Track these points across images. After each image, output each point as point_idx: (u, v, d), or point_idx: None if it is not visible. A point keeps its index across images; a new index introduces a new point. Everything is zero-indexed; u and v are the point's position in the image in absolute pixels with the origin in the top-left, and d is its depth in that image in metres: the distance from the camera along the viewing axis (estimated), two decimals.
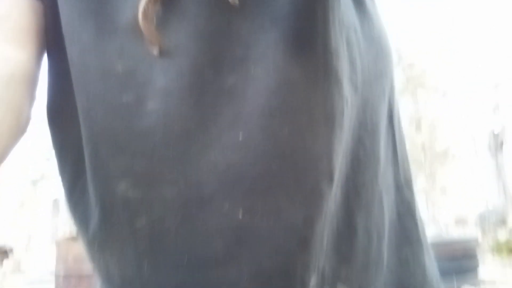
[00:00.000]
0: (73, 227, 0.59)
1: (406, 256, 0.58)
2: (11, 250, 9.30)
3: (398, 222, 0.59)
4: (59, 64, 0.56)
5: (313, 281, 0.49)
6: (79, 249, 0.59)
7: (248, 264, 0.48)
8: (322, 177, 0.49)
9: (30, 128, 0.56)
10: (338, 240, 0.52)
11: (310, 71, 0.49)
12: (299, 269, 0.48)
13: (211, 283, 0.48)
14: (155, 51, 0.50)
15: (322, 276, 0.50)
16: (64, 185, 0.58)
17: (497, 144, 12.17)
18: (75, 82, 0.53)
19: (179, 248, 0.49)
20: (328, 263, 0.51)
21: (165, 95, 0.49)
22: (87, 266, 0.58)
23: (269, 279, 0.48)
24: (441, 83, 13.88)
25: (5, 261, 8.87)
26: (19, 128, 0.54)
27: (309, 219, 0.48)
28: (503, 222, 9.68)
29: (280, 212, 0.48)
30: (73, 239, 4.53)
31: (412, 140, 12.76)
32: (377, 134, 0.57)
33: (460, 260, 5.69)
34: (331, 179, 0.50)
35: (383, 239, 0.56)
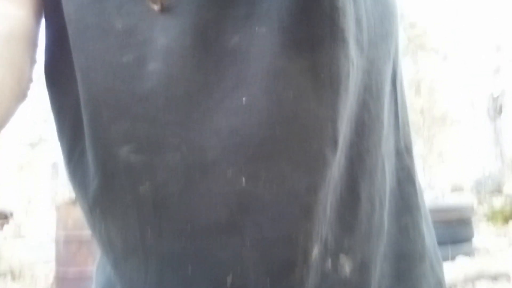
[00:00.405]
0: (72, 191, 0.58)
1: (406, 223, 0.57)
2: (11, 214, 9.40)
3: (398, 188, 0.58)
4: (55, 22, 0.54)
5: (315, 250, 0.49)
6: (79, 213, 0.59)
7: (250, 232, 0.47)
8: (326, 142, 0.48)
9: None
10: (341, 208, 0.51)
11: (316, 30, 0.47)
12: (301, 238, 0.48)
13: (214, 250, 0.48)
14: (156, 7, 0.48)
15: (325, 246, 0.50)
16: (62, 149, 0.56)
17: (496, 108, 12.14)
18: (72, 41, 0.51)
19: (182, 214, 0.48)
20: (331, 233, 0.50)
21: (166, 55, 0.47)
22: (87, 231, 0.57)
23: (271, 247, 0.47)
24: (442, 45, 13.74)
25: (5, 226, 8.99)
26: (21, 90, 0.52)
27: (312, 186, 0.48)
28: (499, 188, 9.76)
29: (284, 179, 0.47)
30: (72, 203, 4.57)
31: (411, 104, 12.74)
32: (381, 98, 0.55)
33: (455, 226, 5.77)
34: (335, 144, 0.49)
35: (385, 206, 0.55)
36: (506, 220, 8.70)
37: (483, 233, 7.87)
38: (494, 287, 4.72)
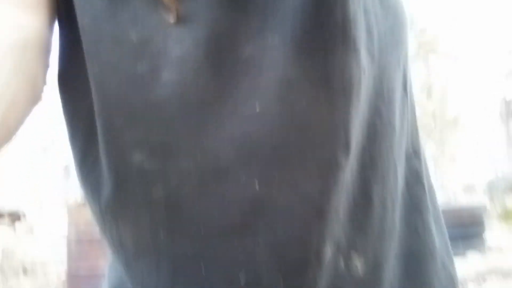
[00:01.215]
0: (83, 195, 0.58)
1: (415, 224, 0.58)
2: (23, 215, 9.45)
3: (407, 191, 0.59)
4: (69, 31, 0.55)
5: (328, 251, 0.49)
6: (90, 214, 0.59)
7: (264, 235, 0.48)
8: (339, 148, 0.49)
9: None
10: (354, 210, 0.52)
11: (329, 40, 0.48)
12: (314, 240, 0.48)
13: (227, 251, 0.49)
14: (171, 18, 0.48)
15: (338, 247, 0.50)
16: (74, 154, 0.57)
17: (509, 111, 12.04)
18: (86, 51, 0.52)
19: (195, 218, 0.49)
20: (344, 234, 0.51)
21: (180, 65, 0.48)
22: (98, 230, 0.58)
23: (284, 249, 0.48)
24: (453, 49, 13.68)
25: (18, 226, 9.04)
26: (34, 96, 0.53)
27: (325, 191, 0.48)
28: (511, 189, 9.67)
29: (297, 184, 0.48)
30: (84, 204, 4.59)
31: (423, 107, 12.66)
32: (392, 103, 0.56)
33: (467, 227, 5.73)
34: (348, 150, 0.49)
35: (396, 208, 0.56)
36: None
37: (496, 233, 7.79)
38: (504, 284, 4.68)
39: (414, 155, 0.61)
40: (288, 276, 0.48)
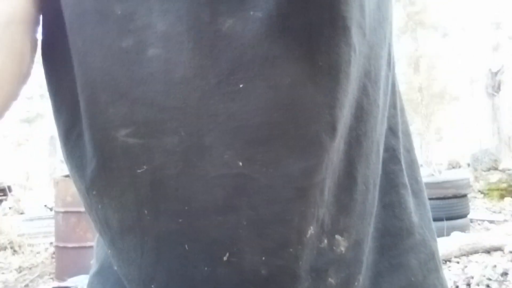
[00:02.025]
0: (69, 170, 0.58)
1: (390, 201, 0.59)
2: (9, 189, 9.41)
3: (383, 169, 0.59)
4: (51, 4, 0.53)
5: (310, 230, 0.50)
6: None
7: (246, 212, 0.48)
8: (323, 128, 0.48)
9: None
10: (338, 191, 0.52)
11: (314, 18, 0.47)
12: (296, 219, 0.48)
13: (210, 229, 0.49)
14: None
15: (321, 226, 0.51)
16: (59, 130, 0.56)
17: (495, 85, 12.10)
18: (69, 24, 0.51)
19: (179, 195, 0.49)
20: (328, 214, 0.51)
21: (165, 40, 0.47)
22: None
23: (266, 227, 0.48)
24: (441, 22, 13.64)
25: (4, 201, 9.01)
26: (22, 73, 0.52)
27: (308, 170, 0.48)
28: (495, 165, 9.80)
29: (279, 162, 0.48)
30: (70, 176, 4.57)
31: (410, 81, 12.68)
32: (378, 82, 0.55)
33: (451, 202, 5.81)
34: (333, 130, 0.49)
35: (377, 187, 0.56)
36: (501, 196, 8.76)
37: (479, 209, 7.93)
38: (487, 259, 4.78)
39: (390, 132, 0.61)
40: (270, 255, 0.49)
